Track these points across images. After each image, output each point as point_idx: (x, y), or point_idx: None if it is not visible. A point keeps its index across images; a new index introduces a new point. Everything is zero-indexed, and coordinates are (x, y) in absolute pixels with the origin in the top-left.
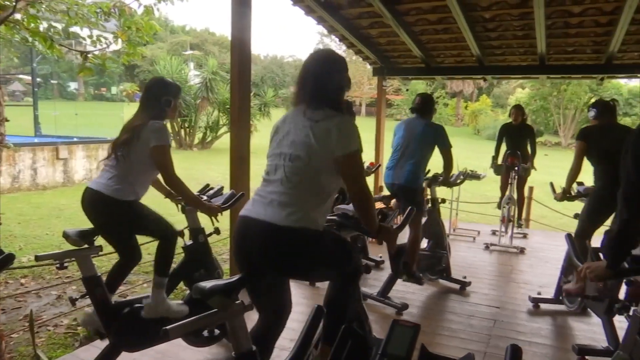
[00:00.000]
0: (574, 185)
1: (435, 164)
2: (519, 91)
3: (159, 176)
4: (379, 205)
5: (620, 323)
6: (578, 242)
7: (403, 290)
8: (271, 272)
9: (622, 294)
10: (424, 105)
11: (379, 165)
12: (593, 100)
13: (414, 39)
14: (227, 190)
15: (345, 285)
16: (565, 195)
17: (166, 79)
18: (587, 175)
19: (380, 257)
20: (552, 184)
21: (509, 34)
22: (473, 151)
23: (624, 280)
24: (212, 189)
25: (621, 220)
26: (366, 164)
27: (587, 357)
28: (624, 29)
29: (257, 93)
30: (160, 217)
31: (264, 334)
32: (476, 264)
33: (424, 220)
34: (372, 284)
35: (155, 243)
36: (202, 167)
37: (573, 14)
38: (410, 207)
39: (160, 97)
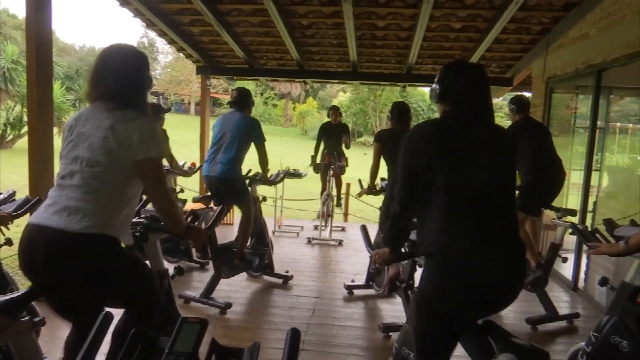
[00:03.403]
0: (378, 181)
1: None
2: (341, 95)
3: None
4: (198, 205)
5: None
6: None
7: (227, 289)
8: (57, 287)
9: None
10: (241, 99)
11: (201, 166)
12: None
13: (236, 40)
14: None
15: (139, 322)
16: (371, 190)
17: None
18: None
19: None
20: (360, 180)
21: (325, 42)
22: (301, 150)
23: (418, 263)
24: (0, 194)
25: (393, 215)
26: (187, 165)
27: (390, 333)
28: (419, 44)
29: (71, 87)
30: None
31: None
32: (299, 258)
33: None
34: (196, 285)
35: None
36: (2, 170)
37: (378, 28)
38: (221, 206)
39: None
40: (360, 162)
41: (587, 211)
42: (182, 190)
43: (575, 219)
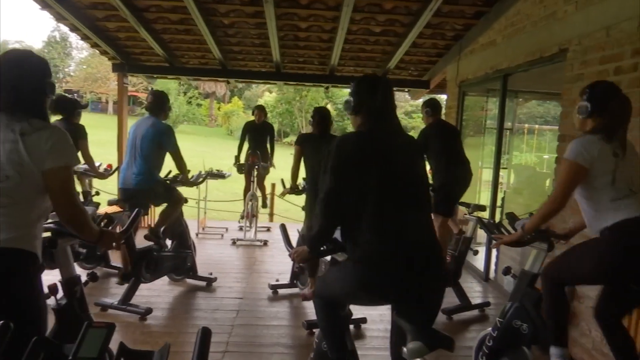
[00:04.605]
0: (301, 181)
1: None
2: (267, 95)
3: None
4: (113, 208)
5: None
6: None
7: (147, 294)
8: None
9: None
10: (156, 103)
11: (118, 167)
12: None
13: (155, 37)
14: None
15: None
16: (294, 190)
17: None
18: None
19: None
20: (282, 180)
21: (248, 41)
22: (226, 151)
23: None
24: None
25: (320, 223)
26: (103, 167)
27: (314, 330)
28: (341, 46)
29: None
30: None
31: None
32: (223, 259)
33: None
34: (114, 292)
35: None
36: None
37: (301, 29)
38: (137, 209)
39: None
40: (286, 162)
41: (496, 206)
42: (97, 193)
43: (485, 214)
